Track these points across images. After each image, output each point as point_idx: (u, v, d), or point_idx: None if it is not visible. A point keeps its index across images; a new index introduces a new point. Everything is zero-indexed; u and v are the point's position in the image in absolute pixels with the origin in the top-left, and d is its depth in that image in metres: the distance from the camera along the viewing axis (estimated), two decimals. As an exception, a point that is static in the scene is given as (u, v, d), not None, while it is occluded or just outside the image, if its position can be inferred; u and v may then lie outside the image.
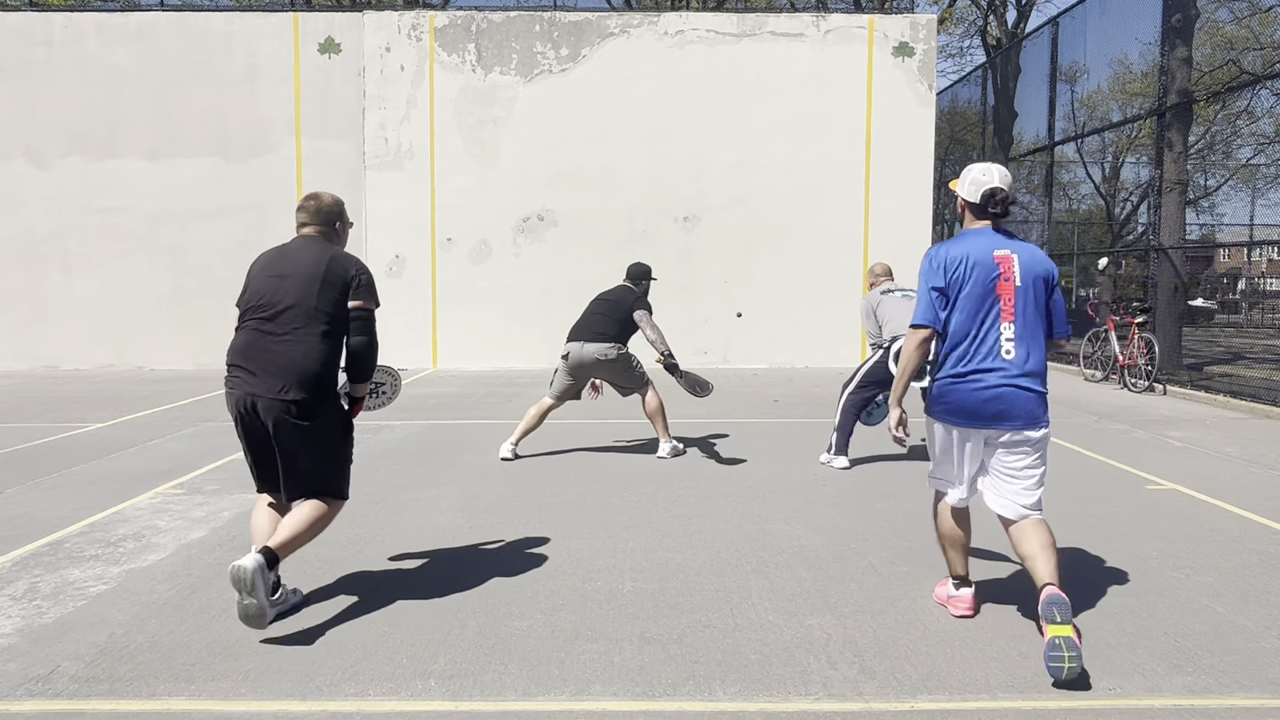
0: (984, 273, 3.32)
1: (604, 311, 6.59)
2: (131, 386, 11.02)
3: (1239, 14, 14.98)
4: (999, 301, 3.31)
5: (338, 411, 3.57)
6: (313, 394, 3.43)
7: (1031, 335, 3.33)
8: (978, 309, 3.31)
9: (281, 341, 3.43)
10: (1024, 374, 3.30)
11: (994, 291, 3.31)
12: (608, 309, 6.61)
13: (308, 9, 13.57)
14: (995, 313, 3.31)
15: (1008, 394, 3.28)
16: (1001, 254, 3.34)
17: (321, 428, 3.48)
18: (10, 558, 4.27)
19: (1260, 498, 5.50)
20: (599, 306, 6.65)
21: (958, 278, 3.33)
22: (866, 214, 13.39)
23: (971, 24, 26.64)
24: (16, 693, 2.90)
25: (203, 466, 6.31)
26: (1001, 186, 3.39)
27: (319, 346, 3.46)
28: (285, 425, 3.40)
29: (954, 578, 3.64)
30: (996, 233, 3.42)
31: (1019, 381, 3.29)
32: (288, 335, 3.44)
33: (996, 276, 3.31)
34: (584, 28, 13.26)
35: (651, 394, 6.69)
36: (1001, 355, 3.30)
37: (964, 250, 3.35)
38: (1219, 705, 2.85)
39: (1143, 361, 10.58)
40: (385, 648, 3.25)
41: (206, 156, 13.13)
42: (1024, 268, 3.34)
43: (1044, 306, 3.39)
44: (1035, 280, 3.35)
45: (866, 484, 5.83)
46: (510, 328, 13.06)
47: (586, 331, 6.52)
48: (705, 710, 2.82)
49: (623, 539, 4.59)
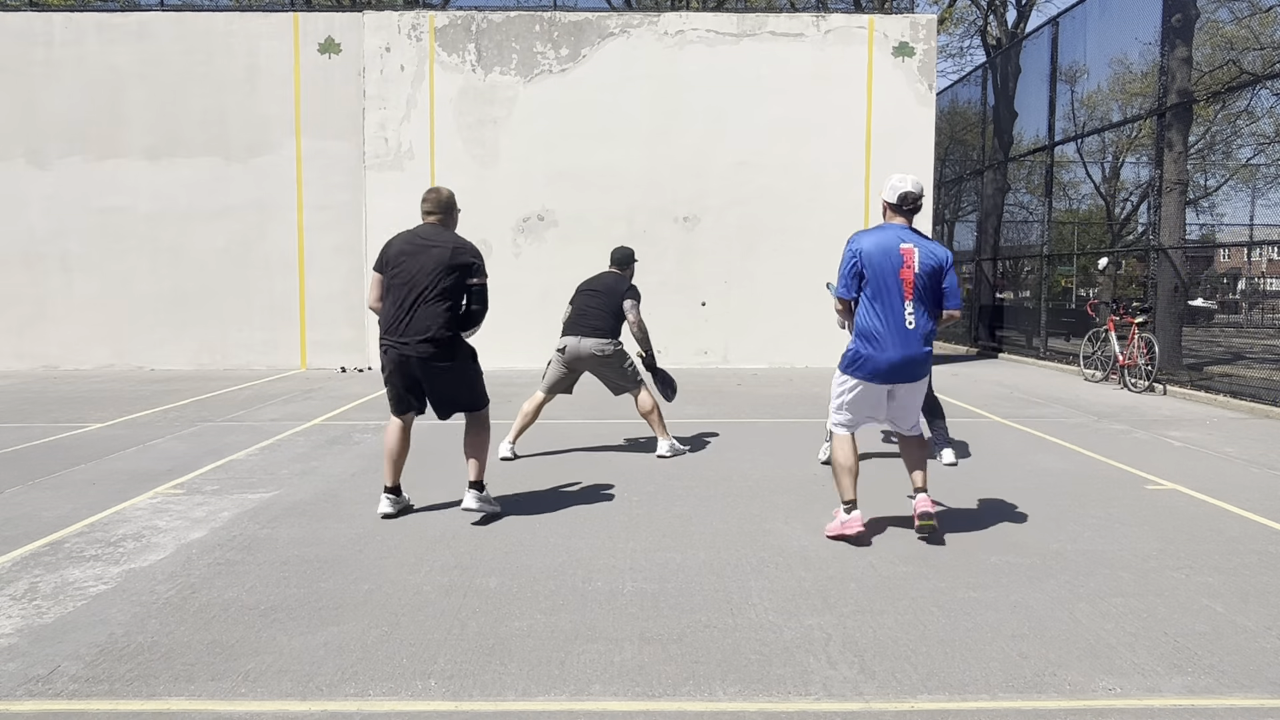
0: (891, 260, 4.28)
1: (598, 305, 6.54)
2: (131, 386, 11.02)
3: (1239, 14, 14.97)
4: (902, 284, 4.27)
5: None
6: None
7: (926, 310, 4.32)
8: (885, 288, 4.28)
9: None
10: (919, 338, 4.32)
11: (898, 275, 4.27)
12: (601, 301, 6.55)
13: (308, 9, 13.57)
14: (898, 292, 4.28)
15: (908, 355, 4.32)
16: (906, 247, 4.30)
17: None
18: (10, 558, 4.27)
19: (1260, 498, 5.50)
20: (592, 300, 6.57)
21: (871, 262, 4.30)
22: (866, 214, 13.39)
23: (971, 24, 26.64)
24: (16, 693, 2.90)
25: (203, 466, 6.31)
26: (913, 190, 4.38)
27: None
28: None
29: (845, 503, 4.47)
30: (906, 229, 4.38)
31: (915, 346, 4.31)
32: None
33: (900, 263, 4.27)
34: (584, 28, 13.26)
35: (644, 394, 6.67)
36: (904, 324, 4.30)
37: (877, 240, 4.33)
38: (1219, 705, 2.85)
39: (1143, 361, 10.58)
40: (385, 648, 3.25)
41: (206, 156, 13.13)
42: (921, 259, 4.30)
43: (937, 288, 4.36)
44: (930, 268, 4.30)
45: (867, 484, 5.83)
46: (510, 328, 13.03)
47: (584, 326, 6.50)
48: (705, 710, 2.82)
49: (623, 539, 4.59)
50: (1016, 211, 17.96)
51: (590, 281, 6.74)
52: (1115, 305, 11.60)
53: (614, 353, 6.52)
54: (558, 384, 6.67)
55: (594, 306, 6.54)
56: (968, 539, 4.60)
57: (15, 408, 9.22)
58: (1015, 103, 16.68)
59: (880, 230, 4.38)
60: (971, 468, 6.35)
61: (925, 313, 4.32)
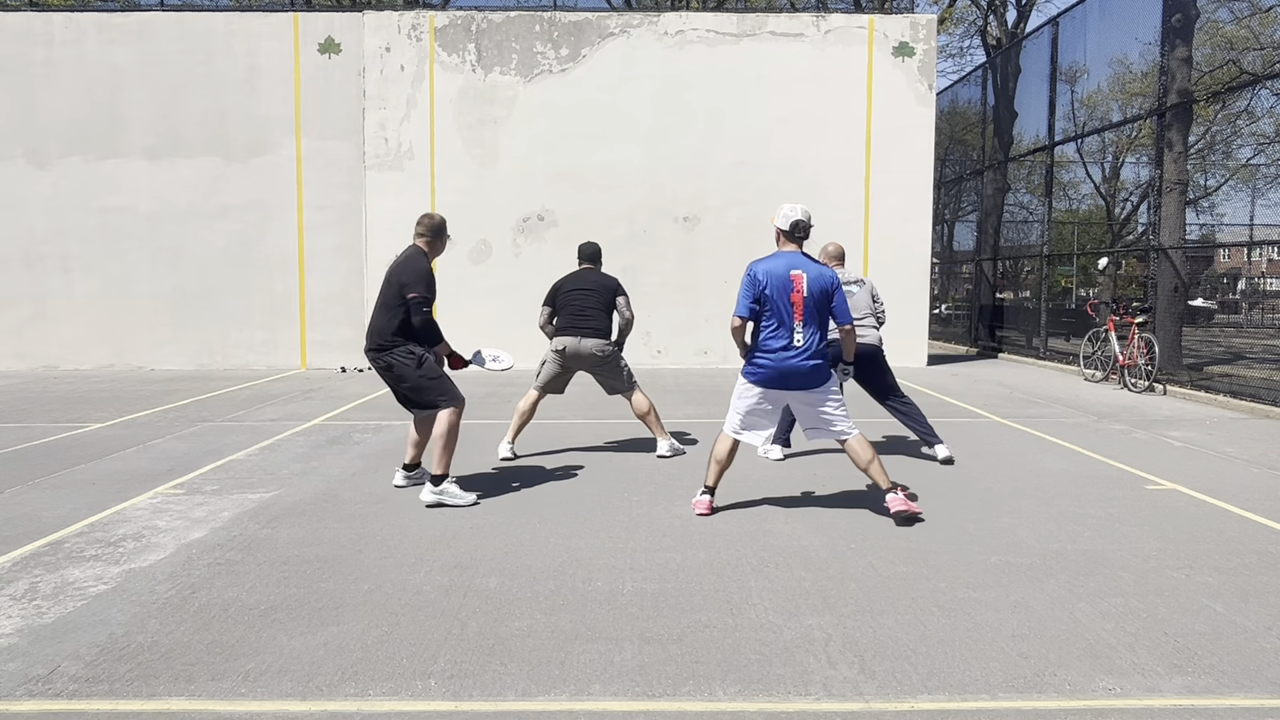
0: (784, 284, 4.84)
1: (595, 304, 6.51)
2: (131, 386, 11.02)
3: (1239, 14, 14.97)
4: (793, 306, 4.83)
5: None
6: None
7: (814, 328, 4.87)
8: (779, 309, 4.83)
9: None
10: (808, 354, 4.85)
11: (789, 298, 4.83)
12: (597, 300, 6.53)
13: (308, 9, 13.57)
14: (790, 312, 4.83)
15: (797, 367, 4.86)
16: (796, 273, 4.86)
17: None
18: (10, 558, 4.27)
19: (1260, 498, 5.50)
20: (588, 299, 6.53)
21: (766, 285, 4.84)
22: (866, 214, 13.39)
23: (971, 24, 26.64)
24: (16, 693, 2.90)
25: (203, 466, 6.31)
26: (803, 219, 4.97)
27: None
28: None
29: (706, 488, 5.10)
30: (798, 254, 4.95)
31: (804, 359, 4.85)
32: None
33: (791, 288, 4.83)
34: (584, 28, 13.26)
35: (639, 395, 6.65)
36: (793, 342, 4.84)
37: (771, 267, 4.88)
38: (1219, 705, 2.85)
39: (1142, 361, 10.58)
40: (385, 648, 3.25)
41: (206, 156, 13.14)
42: (810, 282, 4.86)
43: (826, 308, 4.91)
44: (818, 291, 4.86)
45: (867, 484, 5.83)
46: (510, 328, 13.03)
47: (585, 327, 6.47)
48: (705, 710, 2.82)
49: (623, 539, 4.59)
50: (1016, 211, 17.96)
51: (577, 280, 6.63)
52: (1115, 305, 11.60)
53: (612, 353, 6.51)
54: (551, 383, 6.64)
55: (592, 306, 6.50)
56: (968, 539, 4.60)
57: (15, 408, 9.22)
58: (1015, 103, 16.68)
59: (775, 257, 4.95)
60: (971, 468, 6.35)
61: (814, 330, 4.89)
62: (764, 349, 4.90)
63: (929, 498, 5.46)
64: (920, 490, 5.66)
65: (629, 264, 13.10)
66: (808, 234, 4.98)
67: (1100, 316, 12.03)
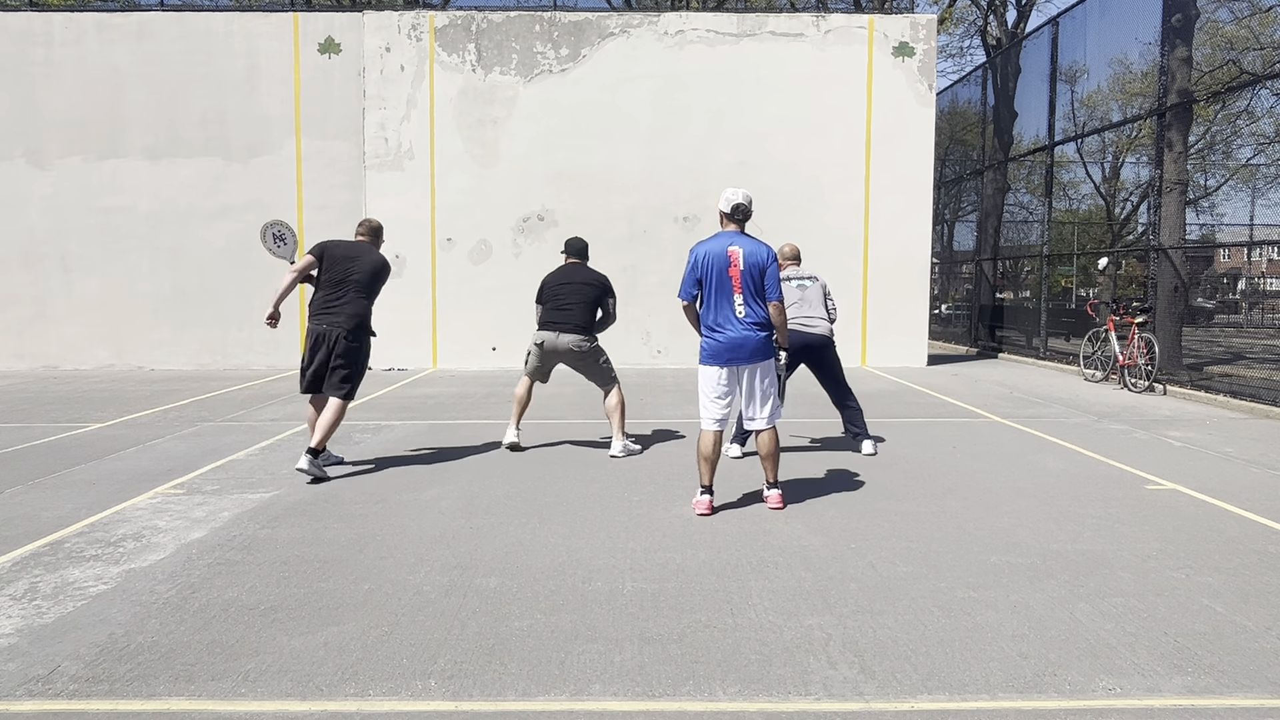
0: (723, 260, 5.03)
1: (580, 300, 6.62)
2: (131, 386, 11.02)
3: (1239, 14, 14.96)
4: (731, 280, 5.01)
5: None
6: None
7: (754, 300, 5.03)
8: (719, 285, 5.02)
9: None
10: (752, 325, 5.01)
11: (728, 273, 5.02)
12: (583, 296, 6.64)
13: (308, 9, 13.57)
14: (729, 287, 5.01)
15: (747, 336, 5.01)
16: (733, 249, 5.04)
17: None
18: (10, 558, 4.27)
19: (1260, 498, 5.50)
20: (574, 295, 6.63)
21: (706, 265, 5.04)
22: (866, 214, 13.39)
23: (971, 24, 26.64)
24: (16, 693, 2.90)
25: (203, 466, 6.31)
26: (744, 202, 5.16)
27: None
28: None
29: (703, 487, 5.10)
30: (736, 234, 5.14)
31: (752, 329, 5.02)
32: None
33: (729, 263, 5.02)
34: (584, 28, 13.26)
35: (615, 391, 6.75)
36: (735, 315, 5.00)
37: (709, 247, 5.07)
38: (1219, 705, 2.85)
39: (1142, 361, 10.58)
40: (385, 648, 3.25)
41: (206, 156, 13.14)
42: (746, 257, 5.02)
43: (760, 282, 5.04)
44: (751, 266, 5.02)
45: (866, 484, 5.83)
46: (510, 328, 13.04)
47: (564, 322, 6.59)
48: (705, 710, 2.82)
49: (623, 539, 4.60)
50: (1016, 211, 17.96)
51: (564, 275, 6.76)
52: (1115, 305, 11.59)
53: (590, 349, 6.63)
54: (536, 372, 6.84)
55: (576, 302, 6.62)
56: (968, 539, 4.60)
57: (15, 408, 9.22)
58: (1015, 103, 16.67)
59: (715, 238, 5.15)
60: (971, 467, 6.35)
61: (755, 302, 5.04)
62: (714, 324, 5.07)
63: (929, 498, 5.46)
64: (920, 491, 5.66)
65: (629, 264, 13.10)
66: (749, 215, 5.19)
67: (1100, 316, 12.03)
